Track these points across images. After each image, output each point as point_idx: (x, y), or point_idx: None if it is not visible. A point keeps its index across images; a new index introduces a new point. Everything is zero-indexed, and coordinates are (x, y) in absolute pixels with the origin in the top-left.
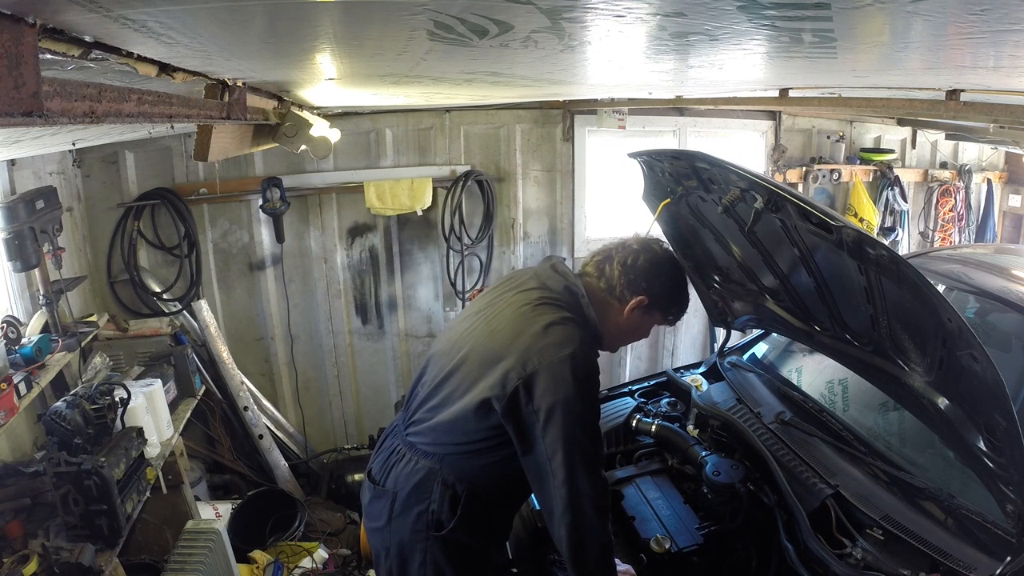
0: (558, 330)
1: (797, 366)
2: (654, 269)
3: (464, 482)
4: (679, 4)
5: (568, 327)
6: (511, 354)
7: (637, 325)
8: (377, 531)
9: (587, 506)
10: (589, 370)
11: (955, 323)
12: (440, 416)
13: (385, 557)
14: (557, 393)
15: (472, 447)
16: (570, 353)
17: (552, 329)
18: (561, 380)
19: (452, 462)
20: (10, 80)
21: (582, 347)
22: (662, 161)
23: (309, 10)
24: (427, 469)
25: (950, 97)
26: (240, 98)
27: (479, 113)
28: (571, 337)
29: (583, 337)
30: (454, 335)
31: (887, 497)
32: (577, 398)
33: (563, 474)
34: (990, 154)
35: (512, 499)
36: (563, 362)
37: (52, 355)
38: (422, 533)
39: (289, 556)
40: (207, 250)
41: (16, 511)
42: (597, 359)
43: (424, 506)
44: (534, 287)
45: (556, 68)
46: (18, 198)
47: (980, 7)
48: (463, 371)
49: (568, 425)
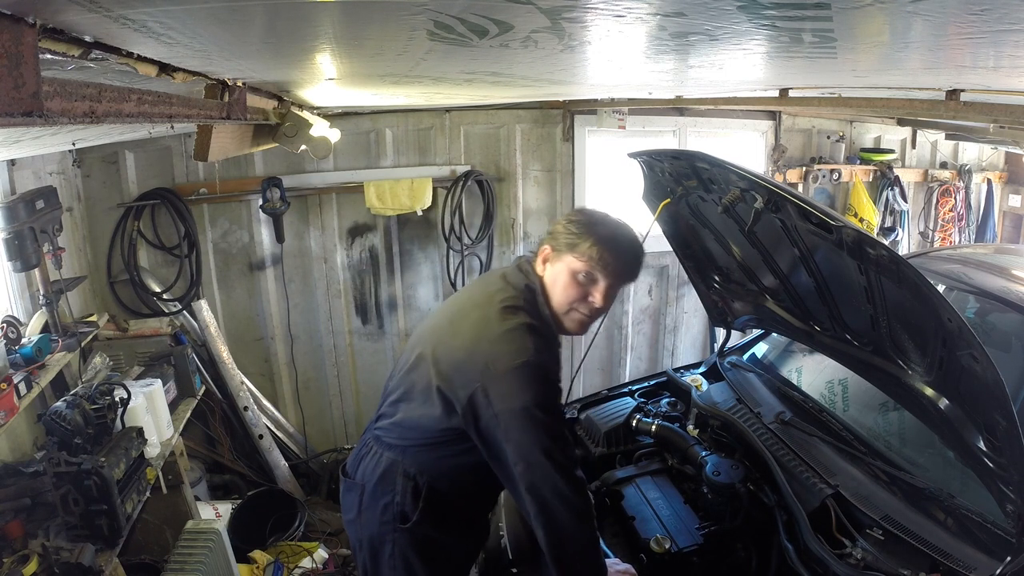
0: (515, 336)
1: (797, 366)
2: (554, 222)
3: (425, 474)
4: (679, 4)
5: (524, 333)
6: (471, 358)
7: (555, 278)
8: (350, 523)
9: (559, 508)
10: (546, 375)
11: (955, 323)
12: (402, 412)
13: (359, 549)
14: (515, 400)
15: (431, 440)
16: (525, 361)
17: (510, 335)
18: (519, 387)
19: (413, 454)
20: (10, 80)
21: (537, 354)
22: (662, 161)
23: (309, 10)
24: (390, 461)
25: (950, 97)
26: (240, 98)
27: (479, 113)
28: (526, 344)
29: (538, 343)
30: (422, 332)
31: (887, 497)
32: (535, 404)
33: (528, 479)
34: (990, 154)
35: (476, 492)
36: (520, 369)
37: (52, 355)
38: (389, 525)
39: (289, 556)
40: (207, 250)
41: (16, 511)
42: (558, 361)
43: (389, 498)
44: (499, 288)
45: (556, 68)
46: (18, 198)
47: (980, 7)
48: (424, 369)
49: (530, 431)
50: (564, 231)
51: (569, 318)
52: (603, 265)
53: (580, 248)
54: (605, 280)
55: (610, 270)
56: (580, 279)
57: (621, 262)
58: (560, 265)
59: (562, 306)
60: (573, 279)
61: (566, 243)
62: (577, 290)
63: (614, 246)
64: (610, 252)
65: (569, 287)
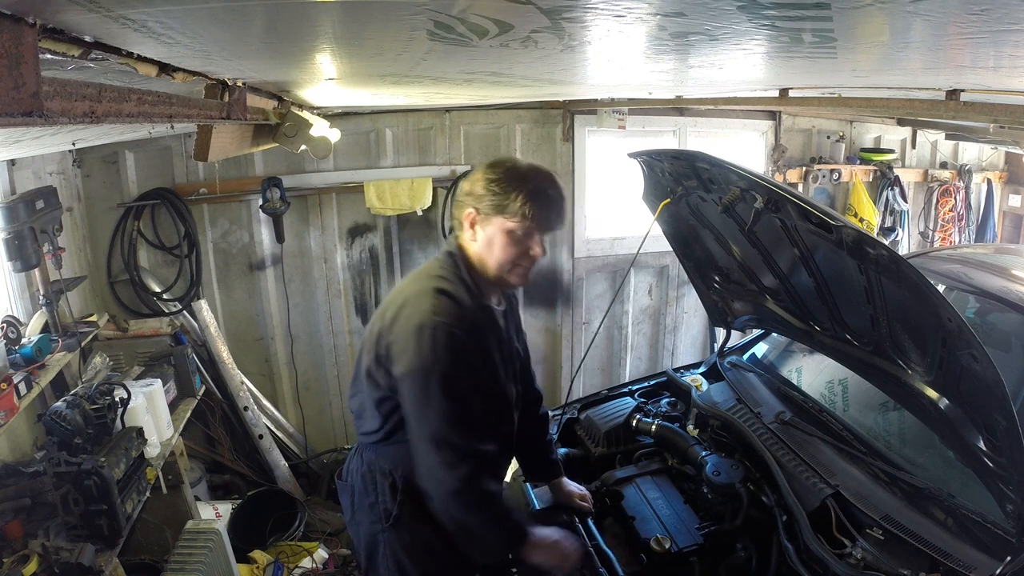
0: (420, 299)
1: (797, 366)
2: (469, 181)
3: (399, 469)
4: (679, 4)
5: (429, 295)
6: (385, 328)
7: (489, 241)
8: (349, 524)
9: (436, 486)
10: (447, 340)
11: (955, 323)
12: (358, 402)
13: (358, 549)
14: (407, 362)
15: (387, 429)
16: (419, 322)
17: (415, 298)
18: (413, 349)
19: (382, 450)
20: (10, 80)
21: (434, 316)
22: (662, 161)
23: (309, 10)
24: (369, 460)
25: (950, 97)
26: (240, 98)
27: (479, 113)
28: (425, 306)
29: (440, 304)
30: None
31: (887, 497)
32: (425, 370)
33: (415, 444)
34: (990, 154)
35: None
36: (416, 331)
37: (52, 355)
38: (378, 525)
39: (289, 556)
40: (207, 250)
41: (16, 511)
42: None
43: (373, 497)
44: (430, 262)
45: (556, 68)
46: (18, 198)
47: (980, 7)
48: (363, 352)
49: (420, 404)
50: (487, 192)
51: (513, 274)
52: (536, 219)
53: (510, 208)
54: (540, 232)
55: (543, 222)
56: (517, 237)
57: (553, 211)
58: (492, 228)
59: (505, 265)
60: (510, 239)
61: (493, 204)
62: (516, 248)
63: (543, 198)
64: (540, 205)
65: (508, 247)
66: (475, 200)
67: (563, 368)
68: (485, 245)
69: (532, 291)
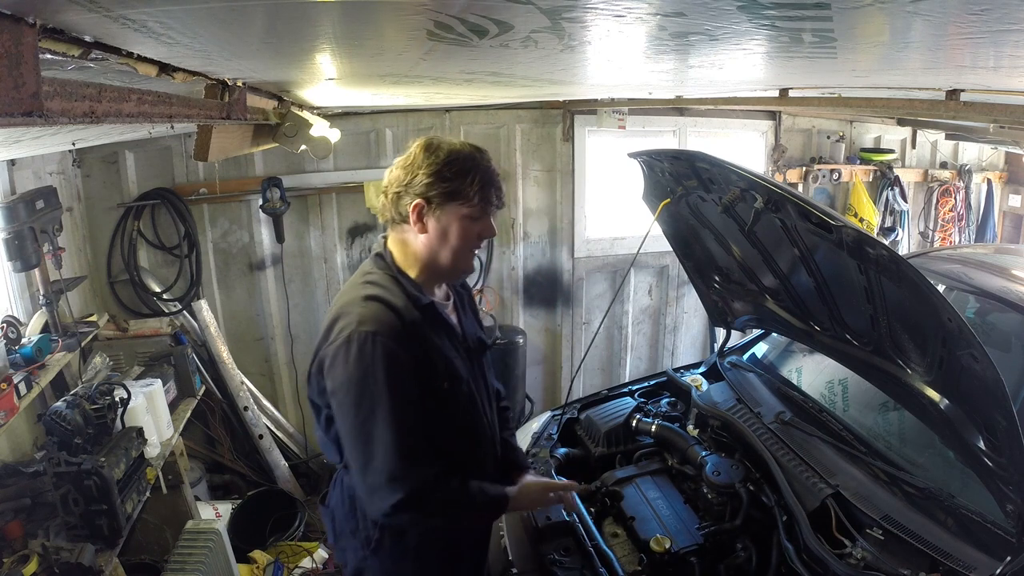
0: (352, 309)
1: (797, 366)
2: (402, 169)
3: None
4: (679, 4)
5: (359, 306)
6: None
7: (444, 230)
8: (334, 548)
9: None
10: (374, 351)
11: (955, 323)
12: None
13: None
14: (339, 377)
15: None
16: (348, 335)
17: (348, 308)
18: (343, 364)
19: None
20: (10, 80)
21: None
22: (662, 161)
23: (309, 10)
24: (347, 486)
25: (950, 97)
26: (240, 98)
27: (479, 113)
28: (358, 317)
29: (367, 312)
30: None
31: (887, 497)
32: (360, 382)
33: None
34: (990, 154)
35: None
36: (343, 345)
37: (52, 355)
38: (360, 552)
39: (289, 556)
40: (207, 250)
41: (16, 511)
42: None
43: (354, 523)
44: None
45: (556, 68)
46: (18, 198)
47: (980, 7)
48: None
49: (348, 412)
50: (435, 179)
51: (466, 260)
52: (490, 200)
53: (465, 193)
54: (492, 213)
55: (496, 202)
56: (474, 222)
57: (500, 189)
58: (447, 217)
59: (461, 252)
60: (467, 225)
61: (445, 192)
62: (473, 233)
63: (492, 178)
64: (491, 185)
65: (466, 233)
66: (421, 190)
67: (563, 368)
68: (439, 236)
69: (532, 291)
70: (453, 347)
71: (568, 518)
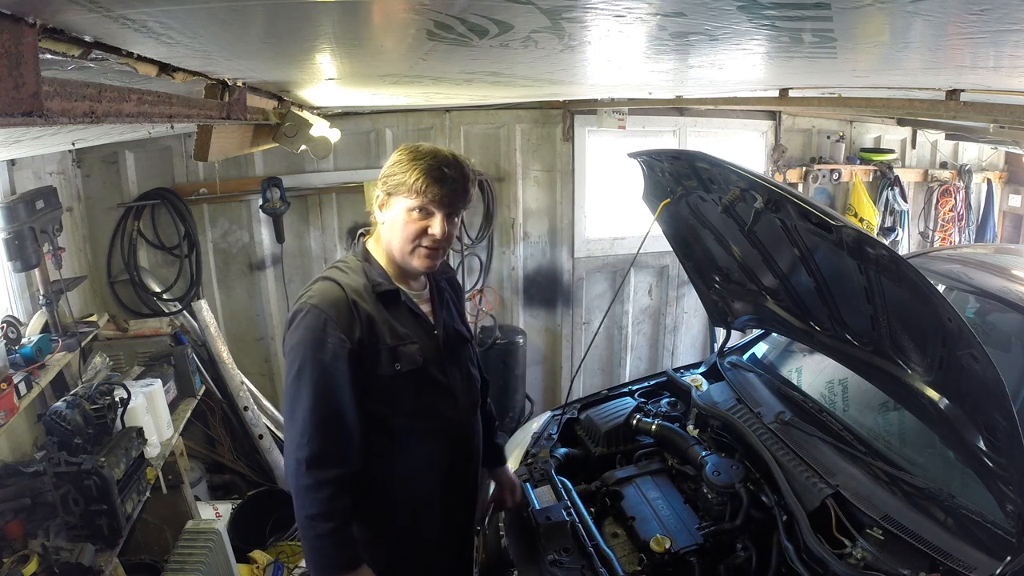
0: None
1: (797, 366)
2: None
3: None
4: (679, 4)
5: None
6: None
7: (392, 221)
8: None
9: (290, 461)
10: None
11: (955, 323)
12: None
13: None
14: (284, 345)
15: None
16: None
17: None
18: (289, 334)
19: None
20: (10, 80)
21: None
22: (662, 161)
23: (309, 10)
24: None
25: (950, 97)
26: (240, 98)
27: (479, 113)
28: (308, 293)
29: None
30: None
31: (887, 497)
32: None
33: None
34: (990, 154)
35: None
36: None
37: (52, 355)
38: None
39: (289, 556)
40: (207, 250)
41: (16, 511)
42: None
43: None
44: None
45: (556, 68)
46: (18, 198)
47: (980, 7)
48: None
49: (288, 373)
50: (389, 173)
51: (416, 256)
52: (430, 194)
53: (406, 184)
54: (439, 211)
55: (437, 197)
56: (415, 215)
57: (447, 187)
58: (393, 209)
59: (406, 244)
60: (408, 217)
61: (394, 184)
62: (414, 226)
63: (438, 174)
64: (434, 181)
65: (407, 225)
66: (382, 184)
67: (563, 368)
68: (389, 226)
69: (532, 291)
70: (418, 334)
71: (568, 518)
